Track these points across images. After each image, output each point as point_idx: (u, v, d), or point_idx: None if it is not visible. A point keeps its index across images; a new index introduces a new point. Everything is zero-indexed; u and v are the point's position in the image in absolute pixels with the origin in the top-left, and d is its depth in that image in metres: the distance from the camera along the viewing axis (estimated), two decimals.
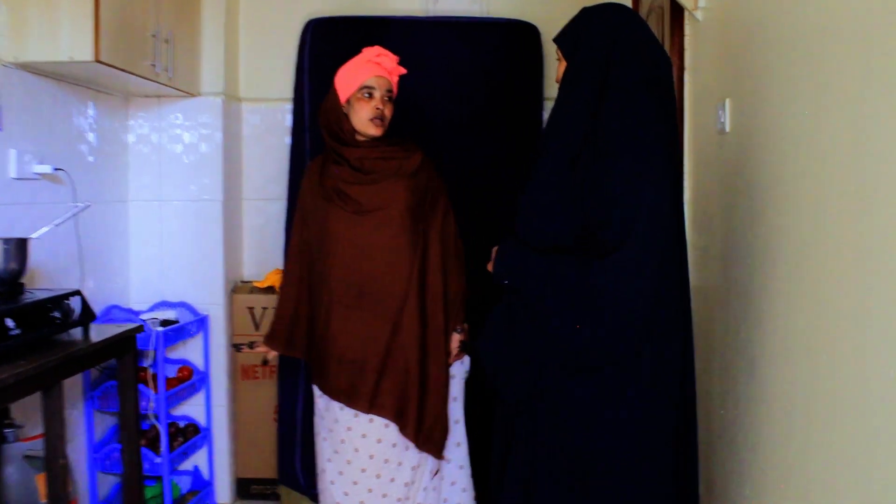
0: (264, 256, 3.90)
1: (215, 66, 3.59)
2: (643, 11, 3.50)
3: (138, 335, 3.24)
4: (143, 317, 3.49)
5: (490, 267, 2.13)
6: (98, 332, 2.50)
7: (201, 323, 3.61)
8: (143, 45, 2.95)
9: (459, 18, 3.63)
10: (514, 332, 2.08)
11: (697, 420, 2.13)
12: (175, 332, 3.38)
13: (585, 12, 2.10)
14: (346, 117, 2.68)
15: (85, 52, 2.62)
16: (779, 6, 1.97)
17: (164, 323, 3.44)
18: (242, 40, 3.84)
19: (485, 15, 3.77)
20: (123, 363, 2.56)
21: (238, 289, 3.75)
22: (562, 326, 1.97)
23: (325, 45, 3.56)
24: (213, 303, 3.66)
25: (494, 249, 2.14)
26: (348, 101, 2.67)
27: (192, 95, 3.54)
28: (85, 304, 2.40)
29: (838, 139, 1.60)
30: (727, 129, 2.36)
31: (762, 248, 2.06)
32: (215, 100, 3.59)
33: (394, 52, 3.43)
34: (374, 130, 2.67)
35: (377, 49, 2.72)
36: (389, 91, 2.70)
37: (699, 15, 2.63)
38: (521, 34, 3.59)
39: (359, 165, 2.68)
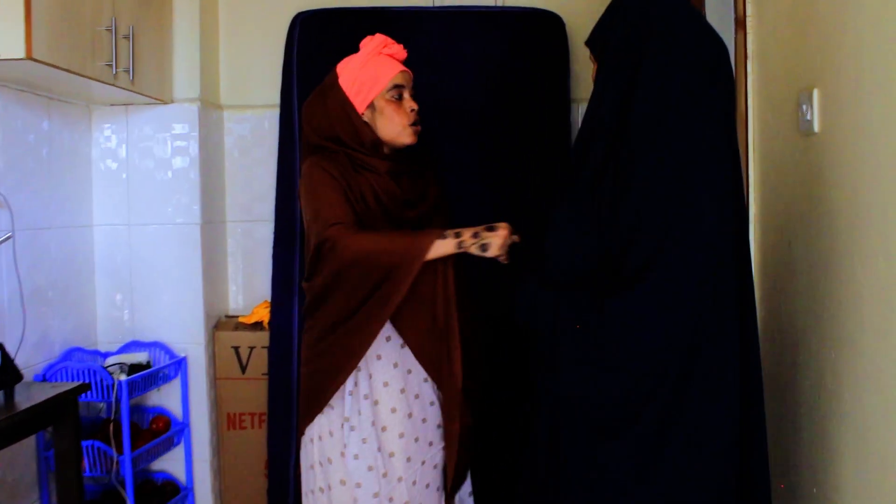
0: (252, 287, 3.40)
1: (190, 68, 3.10)
2: None
3: (104, 382, 2.78)
4: (110, 360, 3.00)
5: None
6: (28, 395, 2.00)
7: (178, 366, 3.11)
8: (93, 40, 2.47)
9: (470, 8, 3.14)
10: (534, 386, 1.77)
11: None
12: (144, 379, 2.90)
13: (616, 2, 1.76)
14: (368, 127, 2.22)
15: (15, 48, 2.14)
16: None
17: (134, 368, 2.95)
18: (223, 38, 3.35)
19: (500, 4, 3.28)
20: (60, 434, 2.06)
21: (221, 325, 3.26)
22: (576, 381, 1.63)
23: (316, 43, 3.07)
24: (192, 342, 3.17)
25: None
26: (371, 107, 2.21)
27: (163, 102, 3.06)
28: (6, 361, 1.91)
29: None
30: (816, 127, 1.85)
31: (871, 285, 1.55)
32: (190, 107, 3.10)
33: None
34: (410, 139, 2.26)
35: (382, 37, 2.27)
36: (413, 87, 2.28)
37: None
38: (542, 26, 3.09)
39: (395, 186, 2.25)
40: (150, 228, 3.14)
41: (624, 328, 1.54)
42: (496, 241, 2.05)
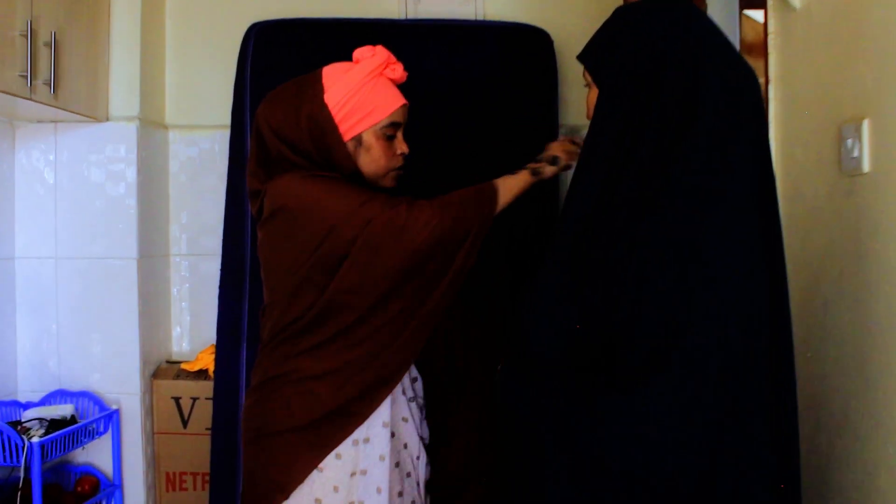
0: (200, 329, 3.02)
1: (128, 82, 2.73)
2: None
3: (12, 442, 2.40)
4: (28, 414, 2.62)
5: None
6: None
7: (109, 419, 2.72)
8: (2, 46, 2.10)
9: (446, 22, 2.81)
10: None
11: None
12: (65, 438, 2.51)
13: (618, 14, 1.47)
14: (350, 158, 1.83)
15: None
16: None
17: (54, 424, 2.56)
18: (171, 50, 2.98)
19: (480, 18, 2.94)
20: None
21: (161, 372, 2.87)
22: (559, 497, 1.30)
23: (273, 57, 2.72)
24: (126, 391, 2.78)
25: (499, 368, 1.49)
26: (356, 139, 1.83)
27: (97, 120, 2.69)
28: None
29: None
30: (866, 166, 1.52)
31: None
32: (128, 126, 2.73)
33: None
34: (391, 184, 1.89)
35: (386, 53, 1.88)
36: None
37: (797, 1, 1.81)
38: (527, 43, 2.76)
39: None
40: (80, 262, 2.76)
41: (628, 432, 1.20)
42: (558, 148, 1.87)
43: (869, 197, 1.52)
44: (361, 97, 1.81)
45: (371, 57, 1.86)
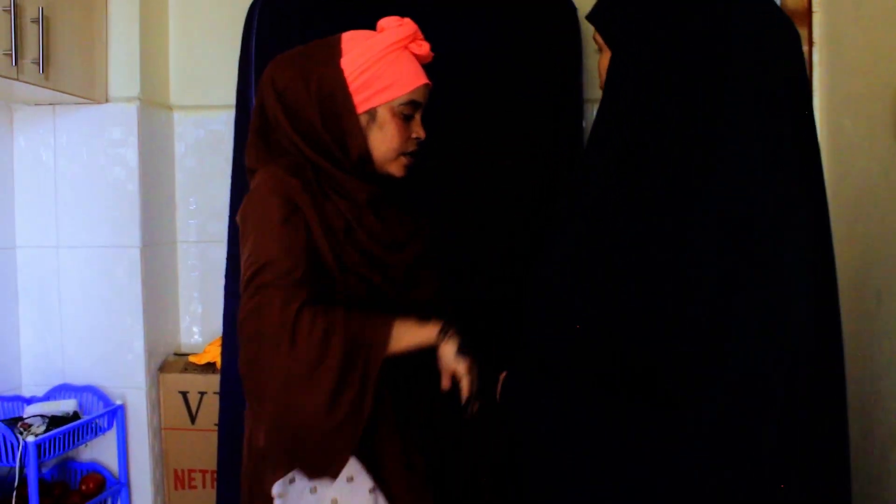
0: (211, 319, 2.89)
1: (127, 60, 2.59)
2: None
3: (7, 441, 2.29)
4: (31, 410, 2.52)
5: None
6: None
7: (113, 415, 2.61)
8: None
9: None
10: None
11: None
12: (66, 436, 2.39)
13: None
14: (361, 134, 1.63)
15: None
16: None
17: (56, 421, 2.45)
18: (175, 26, 2.84)
19: None
20: None
21: (168, 366, 2.75)
22: None
23: (280, 32, 2.55)
24: (131, 386, 2.66)
25: (502, 376, 1.36)
26: (370, 113, 1.65)
27: (95, 101, 2.55)
28: None
29: None
30: None
31: None
32: (128, 107, 2.59)
33: None
34: (399, 171, 1.70)
35: (413, 26, 1.70)
36: None
37: None
38: (549, 11, 2.57)
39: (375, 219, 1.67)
40: (82, 251, 2.64)
41: (670, 458, 1.03)
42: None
43: None
44: (382, 67, 1.63)
45: (397, 27, 1.68)
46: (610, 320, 1.12)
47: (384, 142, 1.66)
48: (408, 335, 1.52)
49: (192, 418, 2.71)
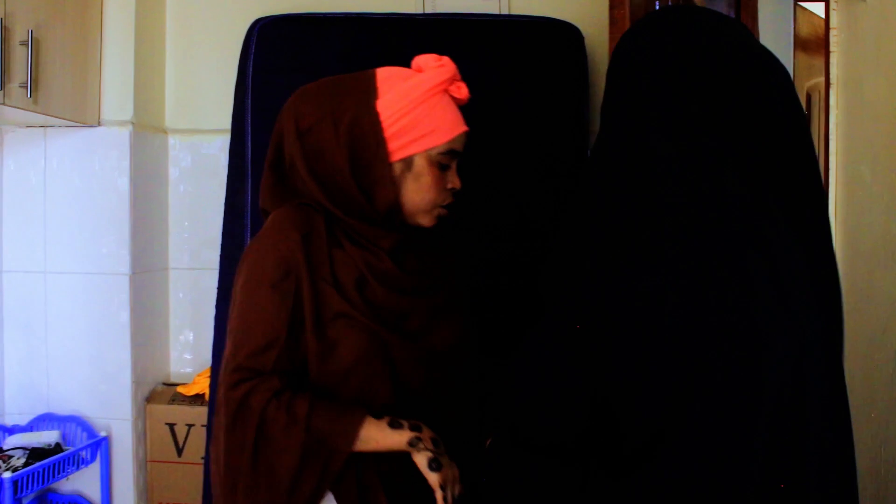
0: (202, 349, 2.81)
1: (121, 84, 2.52)
2: None
3: None
4: (11, 441, 2.44)
5: None
6: None
7: (97, 447, 2.52)
8: None
9: (468, 16, 2.55)
10: None
11: None
12: (45, 470, 2.31)
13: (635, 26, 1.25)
14: (393, 186, 1.53)
15: None
16: None
17: (37, 453, 2.37)
18: (171, 50, 2.77)
19: (504, 12, 2.69)
20: None
21: (155, 396, 2.67)
22: None
23: (278, 56, 2.49)
24: (117, 417, 2.58)
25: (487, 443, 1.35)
26: (406, 161, 1.53)
27: (87, 125, 2.49)
28: None
29: None
30: None
31: None
32: (121, 131, 2.53)
33: (375, 62, 2.36)
34: (430, 223, 1.59)
35: (453, 68, 1.57)
36: None
37: None
38: (555, 38, 2.50)
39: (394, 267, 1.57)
40: (70, 277, 2.57)
41: None
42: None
43: None
44: (421, 112, 1.51)
45: (438, 67, 1.55)
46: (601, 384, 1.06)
47: (419, 192, 1.54)
48: (376, 439, 1.43)
49: (179, 451, 2.62)
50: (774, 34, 1.84)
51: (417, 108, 1.50)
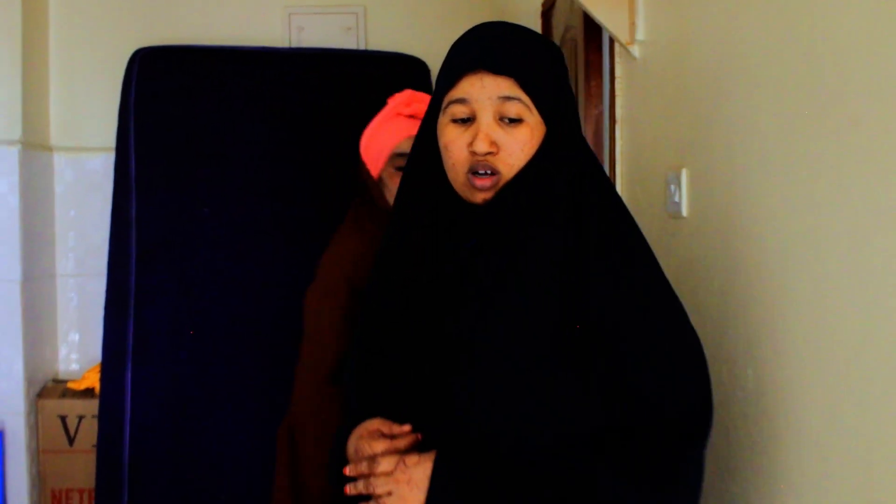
0: (88, 347, 3.07)
1: (10, 105, 2.76)
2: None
3: None
4: None
5: None
6: None
7: None
8: None
9: (330, 50, 2.92)
10: None
11: None
12: None
13: (537, 35, 1.38)
14: (380, 191, 1.92)
15: None
16: (761, 33, 1.33)
17: None
18: (54, 73, 3.02)
19: (361, 48, 3.07)
20: None
21: (46, 392, 2.91)
22: None
23: (158, 82, 2.78)
24: (10, 412, 2.82)
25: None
26: (380, 178, 1.92)
27: None
28: None
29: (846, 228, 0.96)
30: (684, 211, 1.70)
31: (747, 388, 1.40)
32: (9, 150, 2.76)
33: (246, 90, 2.71)
34: None
35: (408, 94, 1.95)
36: None
37: (636, 51, 1.98)
38: (405, 71, 2.89)
39: None
40: None
41: None
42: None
43: (688, 238, 1.70)
44: (376, 139, 1.92)
45: (393, 98, 1.97)
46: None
47: (391, 196, 1.86)
48: None
49: (71, 440, 2.87)
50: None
51: (373, 136, 1.93)
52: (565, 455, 1.16)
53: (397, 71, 2.89)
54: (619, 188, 2.13)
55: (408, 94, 1.96)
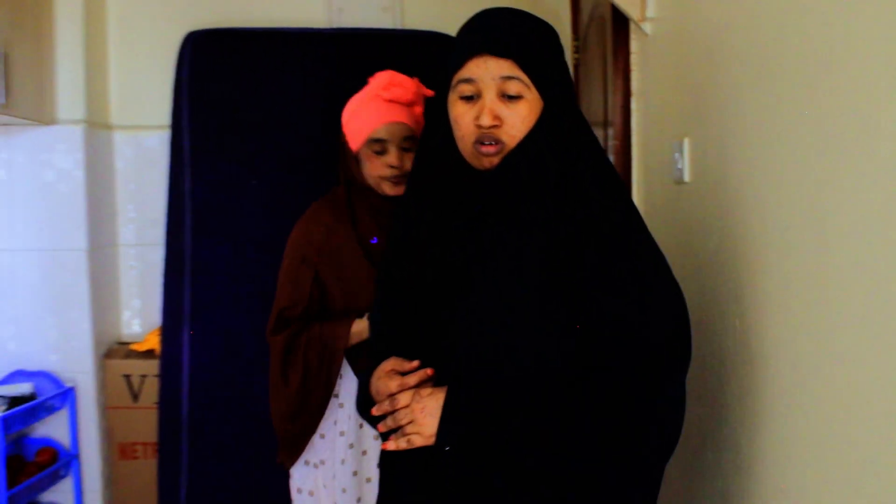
0: (149, 312, 3.31)
1: (74, 88, 2.98)
2: (583, 20, 2.99)
3: None
4: None
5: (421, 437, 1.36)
6: None
7: (65, 396, 3.00)
8: None
9: (368, 30, 3.08)
10: None
11: None
12: (25, 413, 2.79)
13: (536, 19, 1.48)
14: (357, 165, 2.14)
15: None
16: (758, 8, 1.45)
17: (16, 401, 2.84)
18: (113, 55, 3.24)
19: (398, 27, 3.23)
20: None
21: (112, 353, 3.16)
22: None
23: (208, 63, 2.98)
24: (80, 371, 3.06)
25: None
26: (358, 153, 2.12)
27: (43, 124, 2.94)
28: None
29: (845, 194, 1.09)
30: (686, 177, 1.84)
31: (735, 336, 1.54)
32: (75, 129, 2.99)
33: (290, 69, 2.89)
34: (391, 191, 2.10)
35: (387, 77, 2.13)
36: (409, 138, 2.09)
37: (648, 27, 2.11)
38: (443, 50, 3.00)
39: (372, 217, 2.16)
40: (33, 254, 3.02)
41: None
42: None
43: (689, 203, 1.83)
44: (356, 118, 2.11)
45: (373, 79, 2.17)
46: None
47: (369, 171, 2.11)
48: (360, 332, 2.05)
49: (135, 397, 3.11)
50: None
51: (354, 115, 2.12)
52: (554, 388, 1.33)
53: (433, 49, 3.03)
54: (633, 157, 2.27)
55: (388, 76, 2.15)
